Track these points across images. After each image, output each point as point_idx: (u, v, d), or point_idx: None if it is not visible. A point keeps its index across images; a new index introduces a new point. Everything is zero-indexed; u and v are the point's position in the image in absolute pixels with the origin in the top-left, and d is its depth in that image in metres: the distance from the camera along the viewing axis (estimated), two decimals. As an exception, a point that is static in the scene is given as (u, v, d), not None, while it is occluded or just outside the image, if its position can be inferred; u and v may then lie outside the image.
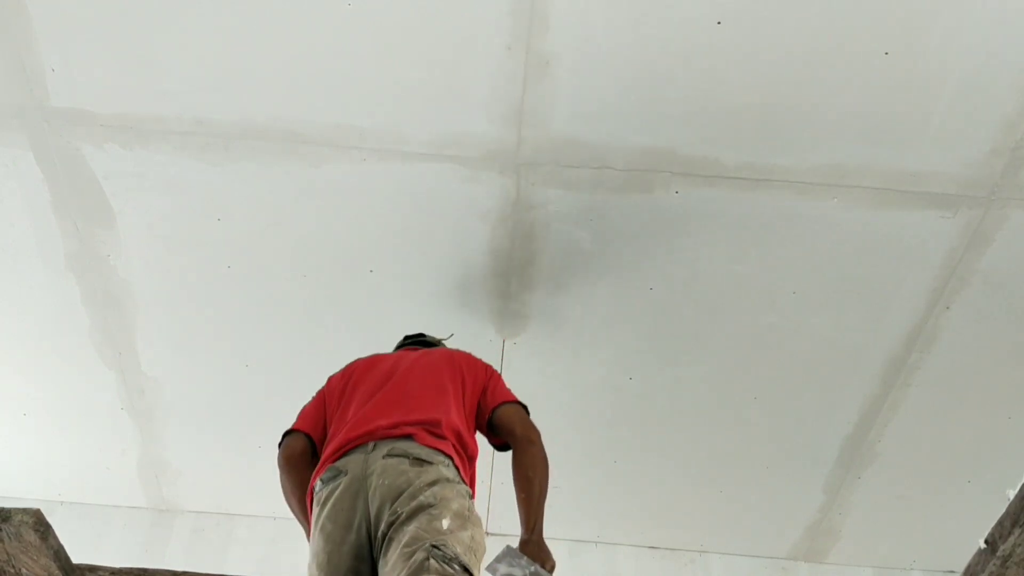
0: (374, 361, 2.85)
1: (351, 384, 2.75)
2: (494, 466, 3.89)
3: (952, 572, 4.14)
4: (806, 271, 3.27)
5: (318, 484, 2.43)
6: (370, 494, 2.30)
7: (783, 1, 2.64)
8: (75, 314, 3.53)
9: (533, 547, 2.54)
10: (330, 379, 2.87)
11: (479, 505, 3.82)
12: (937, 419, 3.70)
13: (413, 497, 2.26)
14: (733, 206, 3.10)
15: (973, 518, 2.93)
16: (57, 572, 2.21)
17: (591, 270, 3.31)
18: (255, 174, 3.10)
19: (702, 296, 3.37)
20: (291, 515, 4.35)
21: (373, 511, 2.28)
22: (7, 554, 2.17)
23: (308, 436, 2.68)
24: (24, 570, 2.21)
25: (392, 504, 2.26)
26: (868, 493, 3.98)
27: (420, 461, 2.34)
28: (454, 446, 2.47)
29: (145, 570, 2.52)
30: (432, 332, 3.24)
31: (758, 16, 2.67)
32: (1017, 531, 2.02)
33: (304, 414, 2.77)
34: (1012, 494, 2.08)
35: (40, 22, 2.81)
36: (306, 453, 2.66)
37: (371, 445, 2.41)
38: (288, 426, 2.76)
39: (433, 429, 2.45)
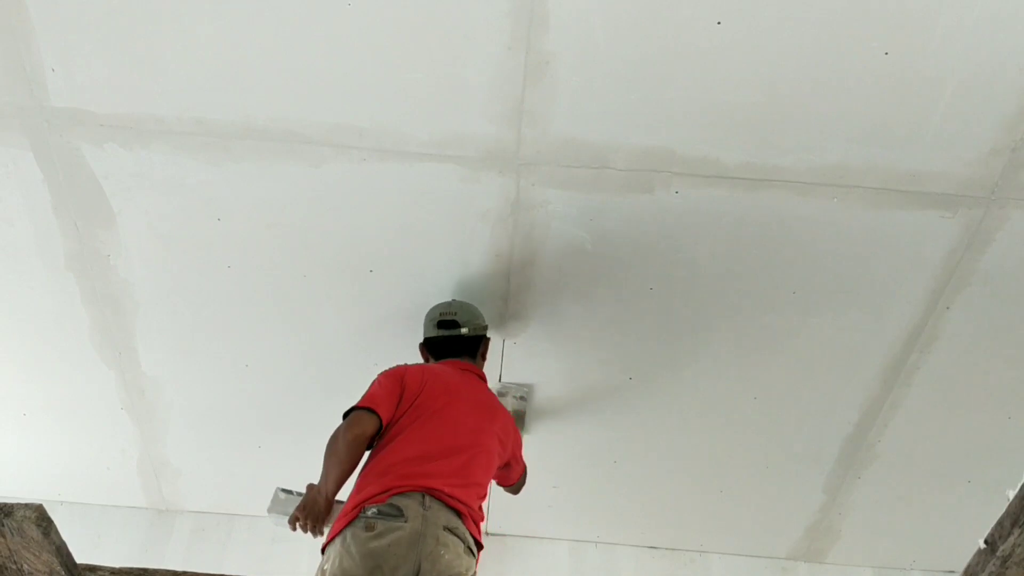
0: (452, 383, 3.01)
1: (440, 400, 2.91)
2: (494, 466, 3.89)
3: (952, 572, 4.14)
4: (806, 271, 3.27)
5: (372, 510, 2.62)
6: (427, 553, 2.56)
7: (783, 1, 2.64)
8: (75, 314, 3.53)
9: None
10: (408, 372, 2.98)
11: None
12: (937, 419, 3.70)
13: None
14: (733, 206, 3.10)
15: (973, 518, 2.93)
16: (59, 568, 2.21)
17: (591, 270, 3.31)
18: (255, 174, 3.10)
19: (702, 296, 3.37)
20: (291, 515, 4.28)
21: (425, 570, 2.54)
22: (9, 550, 2.17)
23: (381, 421, 2.82)
24: (26, 566, 2.21)
25: None
26: (868, 493, 3.98)
27: (470, 552, 2.68)
28: (479, 533, 2.83)
29: (145, 570, 2.53)
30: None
31: (758, 16, 2.67)
32: (1017, 531, 2.02)
33: (383, 398, 2.87)
34: (1012, 494, 2.07)
35: (40, 22, 2.81)
36: (373, 437, 2.82)
37: (427, 500, 2.65)
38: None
39: (476, 519, 2.79)
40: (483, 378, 3.23)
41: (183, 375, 3.75)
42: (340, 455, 2.75)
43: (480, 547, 2.78)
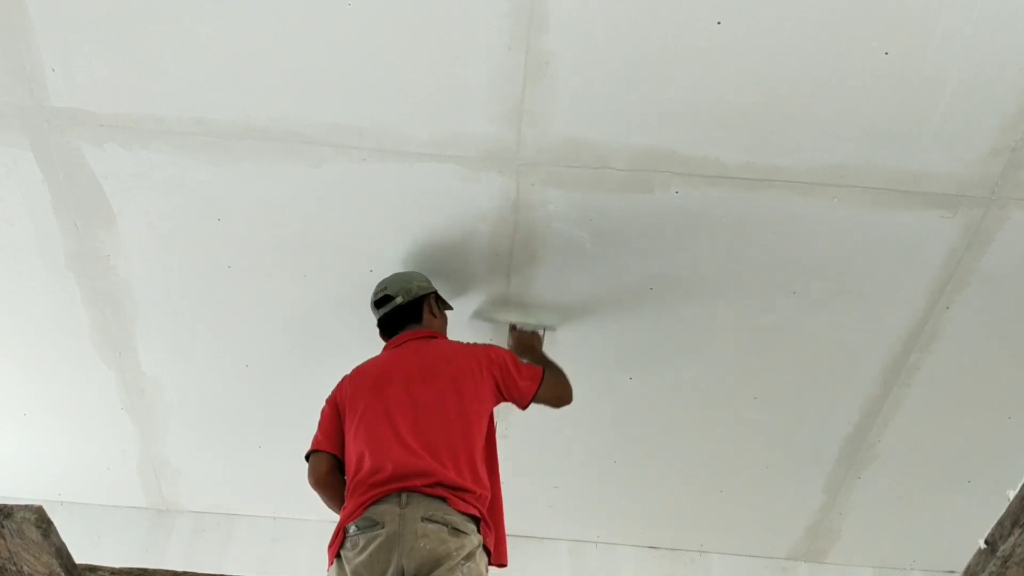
0: (381, 371, 2.97)
1: (366, 400, 2.89)
2: (494, 466, 3.89)
3: (952, 572, 4.14)
4: (806, 271, 3.27)
5: (352, 528, 2.63)
6: (407, 551, 2.54)
7: (783, 1, 2.64)
8: (75, 314, 3.53)
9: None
10: (339, 388, 3.02)
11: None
12: (937, 419, 3.70)
13: (452, 571, 2.52)
14: (733, 206, 3.10)
15: (973, 518, 2.93)
16: (59, 570, 2.21)
17: (591, 270, 3.31)
18: (255, 174, 3.10)
19: (702, 296, 3.37)
20: (291, 516, 4.38)
21: (410, 569, 2.51)
22: (9, 551, 2.17)
23: (331, 455, 2.89)
24: (26, 567, 2.21)
25: (430, 571, 2.51)
26: (868, 493, 3.98)
27: (458, 532, 2.59)
28: (479, 512, 2.70)
29: (145, 570, 2.53)
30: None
31: (758, 16, 2.67)
32: (1017, 531, 2.03)
33: (322, 433, 2.95)
34: (1012, 494, 2.08)
35: (40, 22, 2.81)
36: (333, 471, 2.89)
37: (404, 498, 2.62)
38: (306, 444, 2.95)
39: (465, 496, 2.67)
40: (433, 336, 3.13)
41: (183, 375, 3.75)
42: (323, 500, 2.91)
43: (479, 519, 2.68)
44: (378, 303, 3.21)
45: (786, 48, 2.73)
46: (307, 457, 2.93)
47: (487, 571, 2.66)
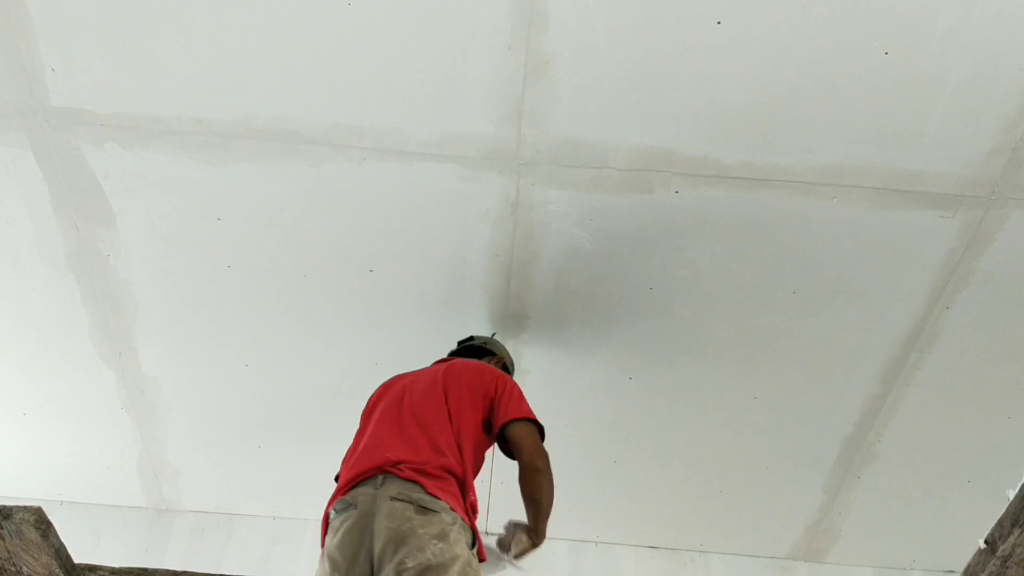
0: (395, 380, 3.00)
1: (374, 404, 2.92)
2: (494, 466, 3.89)
3: (952, 572, 4.14)
4: (806, 271, 3.27)
5: (332, 512, 2.61)
6: (375, 531, 2.46)
7: (783, 1, 2.64)
8: (75, 314, 3.53)
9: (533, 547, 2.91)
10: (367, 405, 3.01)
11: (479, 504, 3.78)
12: (937, 419, 3.70)
13: (420, 550, 2.40)
14: (733, 206, 3.10)
15: (973, 518, 2.93)
16: (58, 571, 2.21)
17: (591, 270, 3.31)
18: (255, 174, 3.11)
19: (702, 296, 3.37)
20: (291, 516, 4.38)
21: (377, 549, 2.44)
22: (8, 552, 2.17)
23: None
24: (25, 568, 2.21)
25: (396, 551, 2.42)
26: (868, 493, 3.98)
27: (424, 509, 2.49)
28: (455, 495, 2.61)
29: (145, 570, 2.53)
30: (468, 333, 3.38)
31: (758, 16, 2.67)
32: (1017, 531, 2.02)
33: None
34: (1012, 494, 2.08)
35: (40, 22, 2.81)
36: None
37: (380, 479, 2.57)
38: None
39: (438, 480, 2.59)
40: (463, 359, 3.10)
41: (183, 375, 3.75)
42: None
43: (458, 503, 2.59)
44: (462, 340, 3.36)
45: (786, 48, 2.73)
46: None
47: (473, 552, 2.54)
